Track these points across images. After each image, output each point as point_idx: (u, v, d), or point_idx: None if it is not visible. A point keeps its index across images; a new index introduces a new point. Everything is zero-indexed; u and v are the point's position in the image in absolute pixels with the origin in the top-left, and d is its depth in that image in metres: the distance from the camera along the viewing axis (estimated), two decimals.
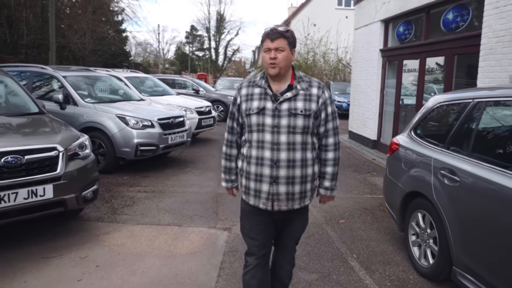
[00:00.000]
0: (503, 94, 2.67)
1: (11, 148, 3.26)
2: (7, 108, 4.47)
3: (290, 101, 2.03)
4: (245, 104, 2.10)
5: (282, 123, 2.01)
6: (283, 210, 2.10)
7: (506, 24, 5.16)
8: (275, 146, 2.02)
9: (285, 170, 2.03)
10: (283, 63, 1.99)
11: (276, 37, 1.98)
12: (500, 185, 2.31)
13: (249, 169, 2.10)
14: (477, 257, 2.51)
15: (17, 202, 3.21)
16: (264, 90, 2.07)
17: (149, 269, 3.22)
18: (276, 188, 2.05)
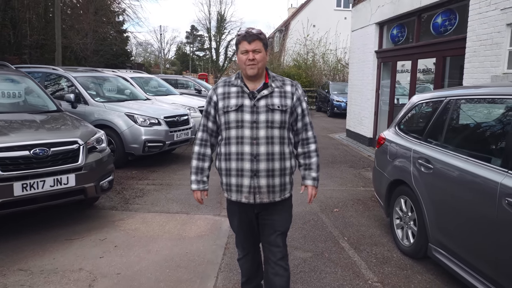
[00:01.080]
0: (470, 93, 3.07)
1: (39, 141, 3.67)
2: (29, 106, 4.87)
3: (267, 98, 2.12)
4: (222, 102, 2.16)
5: (261, 119, 2.09)
6: (265, 202, 2.16)
7: (488, 29, 5.57)
8: (255, 141, 2.09)
9: (265, 163, 2.09)
10: (260, 63, 2.09)
11: (253, 39, 2.06)
12: (465, 170, 2.72)
13: (230, 166, 2.15)
14: (448, 234, 2.91)
15: (45, 189, 3.61)
16: (241, 89, 2.15)
17: (162, 249, 3.62)
18: (257, 181, 2.11)
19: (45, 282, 2.95)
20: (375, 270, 3.30)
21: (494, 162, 2.50)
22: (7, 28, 22.60)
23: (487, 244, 2.46)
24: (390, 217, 3.89)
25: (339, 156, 8.49)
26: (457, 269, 2.80)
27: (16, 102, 4.88)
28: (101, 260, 3.37)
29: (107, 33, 30.89)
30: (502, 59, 5.35)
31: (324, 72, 23.29)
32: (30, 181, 3.51)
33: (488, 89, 2.94)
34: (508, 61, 5.29)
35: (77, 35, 25.85)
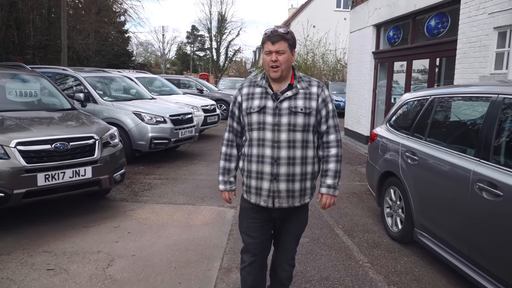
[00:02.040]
0: (450, 92, 3.41)
1: (59, 136, 4.01)
2: (46, 104, 5.21)
3: (291, 99, 2.05)
4: (246, 103, 2.13)
5: (283, 121, 2.03)
6: (284, 207, 2.12)
7: (477, 32, 5.89)
8: (276, 144, 2.04)
9: (285, 167, 2.05)
10: (284, 65, 2.01)
11: (277, 40, 1.99)
12: (444, 160, 3.05)
13: (250, 168, 2.13)
14: (431, 219, 3.24)
15: (64, 180, 3.95)
16: (265, 90, 2.10)
17: (172, 235, 3.95)
18: (276, 186, 2.07)
19: (68, 262, 3.29)
20: (366, 253, 3.63)
21: (469, 153, 2.83)
22: (11, 29, 22.95)
23: (462, 225, 2.79)
24: (381, 207, 4.22)
25: None
26: (438, 250, 3.13)
27: (34, 100, 5.21)
28: (117, 244, 3.70)
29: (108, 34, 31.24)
30: (489, 60, 5.68)
31: (323, 72, 23.62)
32: (52, 172, 3.84)
33: (464, 88, 3.28)
34: (495, 62, 5.62)
35: (79, 35, 26.17)
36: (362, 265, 3.40)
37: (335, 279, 3.14)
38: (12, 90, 5.13)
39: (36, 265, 3.22)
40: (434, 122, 3.47)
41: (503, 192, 2.39)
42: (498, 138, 2.61)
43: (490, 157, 2.61)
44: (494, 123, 2.65)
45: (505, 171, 2.45)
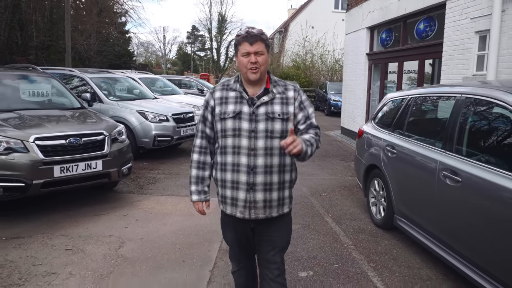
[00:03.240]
0: (423, 92, 3.80)
1: (72, 132, 4.40)
2: (57, 103, 5.60)
3: (267, 105, 1.96)
4: (219, 108, 2.00)
5: (260, 128, 1.94)
6: (261, 218, 2.01)
7: (460, 35, 6.28)
8: (252, 152, 1.94)
9: (262, 176, 1.95)
10: (263, 66, 1.93)
11: (255, 40, 1.90)
12: (417, 152, 3.44)
13: (225, 177, 2.01)
14: (407, 205, 3.63)
15: (78, 172, 4.34)
16: (239, 94, 1.99)
17: (176, 222, 4.35)
18: (253, 196, 1.97)
19: (84, 243, 3.68)
20: (351, 237, 4.03)
21: (437, 145, 3.22)
22: (15, 30, 23.35)
23: (431, 209, 3.17)
24: (367, 197, 4.61)
25: (332, 150, 9.20)
26: (414, 233, 3.52)
27: (45, 100, 5.61)
28: (126, 229, 4.10)
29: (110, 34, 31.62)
30: (471, 62, 6.07)
31: (322, 73, 24.04)
32: (67, 165, 4.23)
33: (436, 88, 3.67)
34: (477, 64, 6.01)
35: (81, 36, 26.53)
36: (346, 247, 3.79)
37: (321, 258, 3.54)
38: (25, 90, 5.54)
39: (55, 246, 3.61)
40: (411, 119, 3.87)
41: (462, 178, 2.78)
42: (460, 132, 3.00)
43: (453, 149, 3.00)
44: (457, 119, 3.04)
45: (464, 160, 2.84)
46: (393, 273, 3.29)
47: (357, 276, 3.22)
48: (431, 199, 3.16)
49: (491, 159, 2.67)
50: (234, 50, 2.03)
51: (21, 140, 4.06)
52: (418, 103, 3.87)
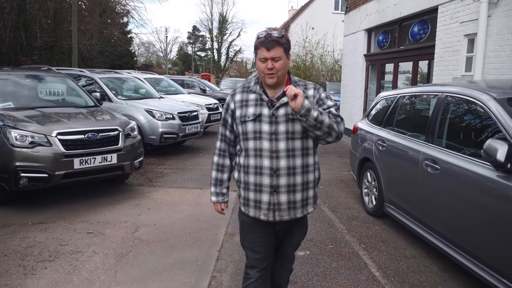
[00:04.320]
0: (412, 91, 4.19)
1: (90, 128, 4.80)
2: (73, 102, 5.99)
3: (287, 106, 1.92)
4: (239, 111, 2.00)
5: (280, 129, 1.92)
6: (285, 220, 2.02)
7: (451, 38, 6.67)
8: (274, 154, 1.93)
9: (285, 178, 1.94)
10: (281, 71, 1.90)
11: (272, 46, 1.86)
12: (403, 145, 3.82)
13: (248, 179, 2.02)
14: (395, 193, 4.02)
15: (95, 165, 4.73)
16: (259, 96, 1.98)
17: (184, 210, 4.73)
18: (277, 198, 1.96)
19: (103, 228, 4.07)
20: (345, 223, 4.41)
21: (421, 138, 3.61)
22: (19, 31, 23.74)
23: (416, 196, 3.56)
24: (360, 188, 5.00)
25: (330, 148, 9.59)
26: (401, 218, 3.90)
27: (62, 98, 6.00)
28: (140, 216, 4.49)
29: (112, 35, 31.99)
30: (461, 63, 6.45)
31: (322, 73, 24.40)
32: (85, 158, 4.62)
33: (421, 88, 4.06)
34: (466, 65, 6.39)
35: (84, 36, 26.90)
36: (340, 231, 4.18)
37: (318, 240, 3.92)
38: (43, 89, 5.93)
39: (77, 230, 4.00)
40: (399, 115, 4.26)
41: (440, 166, 3.17)
42: (440, 126, 3.39)
43: (434, 141, 3.39)
44: (438, 115, 3.42)
45: (442, 151, 3.22)
46: (381, 252, 3.67)
47: (349, 255, 3.61)
48: (415, 186, 3.55)
49: (465, 149, 3.06)
50: (254, 52, 1.98)
51: (44, 135, 4.45)
52: (406, 101, 4.26)
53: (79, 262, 3.32)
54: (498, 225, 2.54)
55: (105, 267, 3.24)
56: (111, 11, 30.04)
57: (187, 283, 3.05)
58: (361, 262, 3.46)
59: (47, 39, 25.41)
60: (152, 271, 3.22)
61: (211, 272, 3.23)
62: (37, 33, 24.97)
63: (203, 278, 3.12)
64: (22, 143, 4.35)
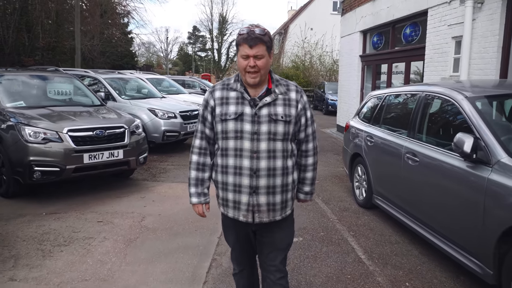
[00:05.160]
0: (398, 91, 4.51)
1: (98, 125, 5.12)
2: (80, 101, 6.32)
3: (270, 106, 1.91)
4: (220, 108, 1.94)
5: (262, 130, 1.89)
6: (265, 222, 2.00)
7: (440, 40, 6.99)
8: (255, 154, 1.90)
9: (265, 179, 1.92)
10: (263, 70, 1.87)
11: (255, 43, 1.82)
12: (388, 140, 4.15)
13: (226, 180, 1.97)
14: (382, 185, 4.34)
15: (103, 160, 5.06)
16: (241, 94, 1.93)
17: (186, 203, 4.96)
18: (256, 199, 1.94)
19: (111, 217, 4.40)
20: (337, 214, 4.74)
21: (403, 134, 3.93)
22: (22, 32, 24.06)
23: (399, 186, 3.89)
24: (352, 182, 5.32)
25: (327, 146, 9.92)
26: (386, 207, 4.23)
27: (69, 98, 6.33)
28: (145, 208, 4.81)
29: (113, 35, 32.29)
30: (449, 64, 6.78)
31: (321, 73, 24.74)
32: (94, 153, 4.95)
33: (406, 88, 4.39)
34: (453, 66, 6.71)
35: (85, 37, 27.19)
36: (332, 221, 4.50)
37: (310, 228, 4.25)
38: (51, 89, 6.26)
39: (88, 219, 4.33)
40: (386, 113, 4.59)
41: (419, 158, 3.49)
42: (420, 122, 3.71)
43: (415, 136, 3.71)
44: (419, 112, 3.75)
45: (421, 144, 3.55)
46: (368, 238, 4.00)
47: (338, 241, 3.94)
48: (398, 178, 3.87)
49: (439, 142, 3.39)
50: (235, 49, 1.95)
51: (56, 132, 4.77)
52: (392, 100, 4.59)
53: (92, 246, 3.65)
54: (466, 209, 2.86)
55: (116, 251, 3.57)
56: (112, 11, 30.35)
57: (190, 264, 3.37)
58: (349, 247, 3.79)
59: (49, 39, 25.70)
60: (158, 254, 3.54)
61: (211, 255, 3.55)
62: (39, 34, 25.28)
63: (204, 260, 3.45)
64: (35, 139, 4.67)
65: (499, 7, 5.56)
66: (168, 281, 3.07)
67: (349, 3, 11.71)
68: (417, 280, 3.16)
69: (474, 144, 2.75)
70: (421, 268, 3.36)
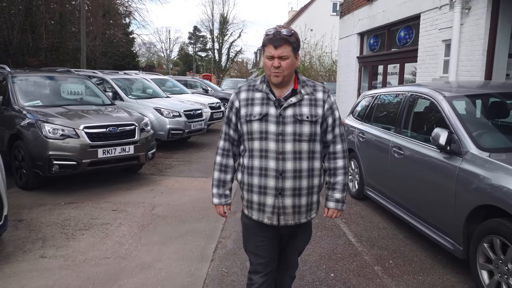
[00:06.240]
0: (388, 91, 4.92)
1: (111, 123, 5.53)
2: (92, 100, 6.73)
3: (295, 106, 1.89)
4: (245, 109, 1.94)
5: (287, 131, 1.87)
6: (290, 224, 1.97)
7: (431, 43, 7.39)
8: (280, 156, 1.88)
9: (291, 181, 1.89)
10: (287, 71, 1.85)
11: (280, 44, 1.81)
12: (378, 135, 4.55)
13: (252, 181, 1.96)
14: (372, 177, 4.74)
15: (115, 155, 5.46)
16: (266, 95, 1.92)
17: (192, 194, 5.46)
18: (282, 201, 1.91)
19: (125, 207, 4.81)
20: None
21: (391, 130, 4.34)
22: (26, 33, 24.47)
23: (386, 178, 4.29)
24: None
25: None
26: (376, 197, 4.63)
27: (82, 97, 6.74)
28: (155, 199, 5.22)
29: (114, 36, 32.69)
30: (439, 66, 7.18)
31: (320, 73, 25.14)
32: (107, 148, 5.36)
33: (394, 88, 4.79)
34: (443, 68, 7.11)
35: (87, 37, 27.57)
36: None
37: None
38: (65, 89, 6.67)
39: (103, 208, 4.74)
40: (377, 111, 4.99)
41: (403, 151, 3.89)
42: (406, 119, 4.12)
43: (401, 131, 4.12)
44: (404, 110, 4.15)
45: (405, 139, 3.95)
46: (358, 225, 4.41)
47: (331, 227, 4.34)
48: (386, 170, 4.28)
49: (421, 137, 3.79)
50: (261, 49, 1.92)
51: (73, 128, 5.18)
52: (382, 99, 5.00)
53: (109, 230, 4.06)
54: (441, 194, 3.26)
55: (131, 234, 3.98)
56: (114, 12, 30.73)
57: (198, 245, 3.78)
58: (341, 232, 4.19)
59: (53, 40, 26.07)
60: (169, 237, 3.95)
61: (217, 238, 3.96)
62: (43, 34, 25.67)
63: (211, 242, 3.86)
64: (54, 136, 5.08)
65: (484, 13, 5.96)
66: (179, 259, 3.48)
67: (347, 6, 12.12)
68: (399, 259, 3.56)
69: (448, 138, 3.15)
70: (404, 249, 3.76)
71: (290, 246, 2.14)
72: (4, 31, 20.57)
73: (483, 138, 3.18)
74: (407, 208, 3.90)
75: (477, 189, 2.83)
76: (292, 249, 2.16)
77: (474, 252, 2.88)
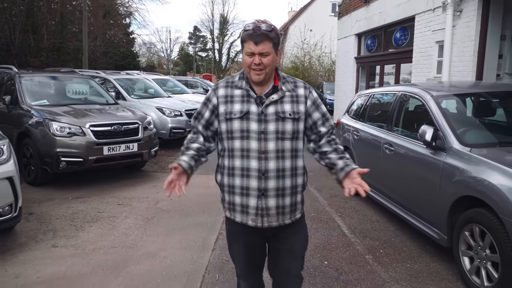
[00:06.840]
0: (381, 90, 5.14)
1: (115, 121, 5.76)
2: (96, 100, 6.96)
3: (277, 104, 1.83)
4: (224, 107, 1.85)
5: (270, 129, 1.81)
6: (274, 226, 1.89)
7: (425, 44, 7.62)
8: (263, 155, 1.81)
9: (274, 181, 1.83)
10: (268, 68, 1.79)
11: (260, 40, 1.74)
12: (371, 133, 4.78)
13: (233, 182, 1.88)
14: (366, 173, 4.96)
15: (120, 152, 5.69)
16: (246, 92, 1.85)
17: (196, 190, 5.66)
18: (265, 202, 1.85)
19: (130, 201, 5.03)
20: (327, 199, 5.37)
21: (383, 127, 4.56)
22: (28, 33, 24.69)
23: (379, 172, 4.51)
24: None
25: None
26: (371, 193, 4.75)
27: (86, 97, 6.97)
28: (158, 194, 5.44)
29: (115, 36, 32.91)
30: (433, 66, 7.41)
31: (319, 73, 25.36)
32: (112, 146, 5.58)
33: (387, 88, 5.01)
34: (437, 68, 7.34)
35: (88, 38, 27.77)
36: (322, 205, 5.13)
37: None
38: (70, 89, 6.90)
39: (109, 203, 4.96)
40: (371, 110, 5.22)
41: (394, 147, 4.12)
42: (396, 117, 4.34)
43: (392, 129, 4.34)
44: (395, 109, 4.38)
45: (396, 136, 4.18)
46: (352, 218, 4.63)
47: (327, 220, 4.57)
48: (378, 166, 4.50)
49: (410, 134, 4.02)
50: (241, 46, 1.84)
51: (79, 126, 5.41)
52: (375, 99, 5.22)
53: (116, 223, 4.28)
54: (427, 187, 3.48)
55: (137, 226, 4.20)
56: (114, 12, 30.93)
57: (200, 236, 4.00)
58: (335, 224, 4.42)
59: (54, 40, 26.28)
60: (173, 229, 4.17)
61: (218, 230, 4.18)
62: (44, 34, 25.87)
63: (212, 234, 4.08)
64: (61, 133, 5.31)
65: (475, 15, 6.19)
66: (183, 249, 3.70)
67: (345, 7, 12.34)
68: (390, 248, 3.79)
69: (434, 134, 3.37)
70: (394, 240, 3.99)
71: (283, 251, 1.97)
72: (6, 32, 20.77)
73: (466, 134, 3.41)
74: (398, 202, 4.12)
75: (459, 181, 3.05)
76: (285, 253, 1.97)
77: (457, 240, 3.10)
